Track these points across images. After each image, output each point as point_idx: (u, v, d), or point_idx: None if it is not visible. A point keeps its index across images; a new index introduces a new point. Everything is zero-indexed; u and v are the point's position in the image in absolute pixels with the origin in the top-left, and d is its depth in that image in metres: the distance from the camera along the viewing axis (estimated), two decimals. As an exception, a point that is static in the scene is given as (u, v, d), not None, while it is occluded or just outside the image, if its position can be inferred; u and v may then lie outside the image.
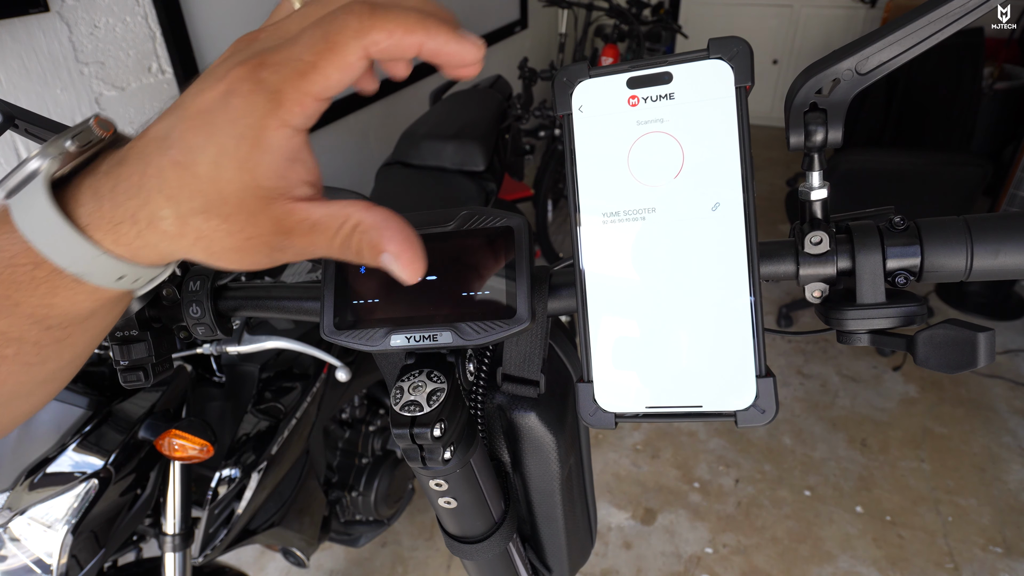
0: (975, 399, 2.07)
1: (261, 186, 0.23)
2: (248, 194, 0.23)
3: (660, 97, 0.29)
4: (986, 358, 0.27)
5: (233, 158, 0.22)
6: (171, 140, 0.23)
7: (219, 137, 0.22)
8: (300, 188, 0.24)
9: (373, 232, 0.24)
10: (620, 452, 1.93)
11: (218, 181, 0.22)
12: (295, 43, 0.22)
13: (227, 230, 0.23)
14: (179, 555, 0.92)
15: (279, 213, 0.24)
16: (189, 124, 0.23)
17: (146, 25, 1.42)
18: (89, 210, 0.23)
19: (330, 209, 0.24)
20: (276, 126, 0.22)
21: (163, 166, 0.23)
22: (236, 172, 0.22)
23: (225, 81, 0.22)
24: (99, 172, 0.24)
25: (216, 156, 0.22)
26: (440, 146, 1.61)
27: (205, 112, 0.22)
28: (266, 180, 0.23)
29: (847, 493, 1.77)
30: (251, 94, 0.22)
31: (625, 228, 0.30)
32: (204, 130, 0.22)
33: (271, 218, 0.24)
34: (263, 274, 1.15)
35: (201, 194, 0.23)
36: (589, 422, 0.31)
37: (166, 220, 0.23)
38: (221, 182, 0.22)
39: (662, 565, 1.60)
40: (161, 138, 0.23)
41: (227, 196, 0.23)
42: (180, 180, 0.22)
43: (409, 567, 1.63)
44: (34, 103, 1.24)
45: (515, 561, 0.45)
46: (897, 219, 0.29)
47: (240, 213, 0.23)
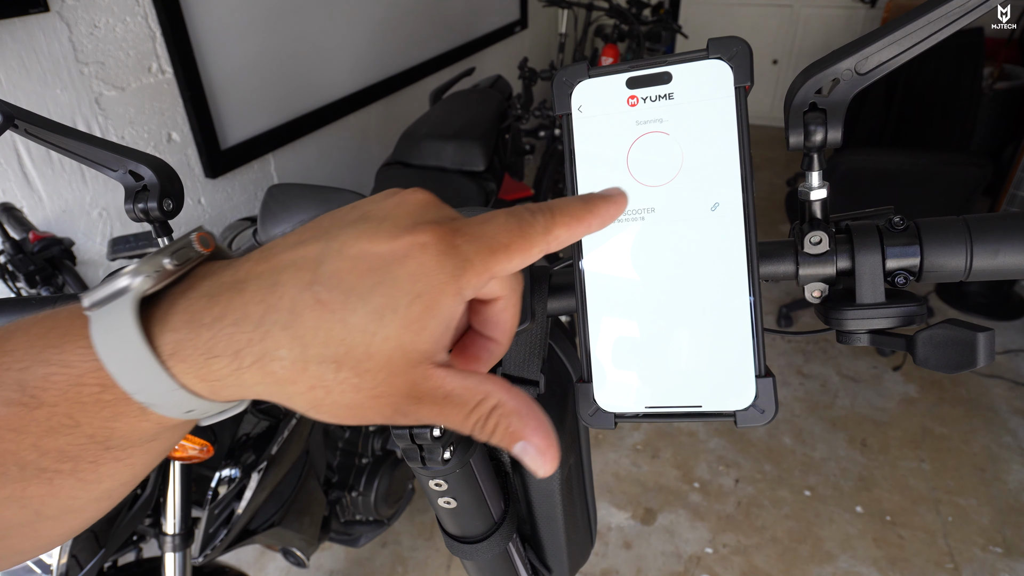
0: (975, 399, 2.07)
1: (417, 348, 0.22)
2: (399, 354, 0.21)
3: (659, 97, 0.29)
4: (986, 358, 0.27)
5: (402, 315, 0.21)
6: (321, 275, 0.21)
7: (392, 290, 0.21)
8: (442, 354, 0.23)
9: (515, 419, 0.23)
10: (620, 452, 1.93)
11: (373, 335, 0.21)
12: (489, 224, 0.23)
13: (355, 385, 0.21)
14: (179, 555, 0.92)
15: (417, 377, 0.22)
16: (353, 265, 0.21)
17: (146, 25, 1.42)
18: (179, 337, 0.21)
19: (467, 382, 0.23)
20: (453, 293, 0.22)
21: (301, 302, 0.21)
22: (398, 330, 0.21)
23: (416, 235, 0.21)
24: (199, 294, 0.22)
25: (380, 308, 0.21)
26: (440, 146, 1.61)
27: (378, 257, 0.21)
28: (424, 343, 0.22)
29: (847, 493, 1.77)
30: (443, 255, 0.21)
31: (624, 228, 0.30)
32: (372, 276, 0.21)
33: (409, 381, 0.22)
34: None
35: (343, 344, 0.21)
36: (589, 422, 0.31)
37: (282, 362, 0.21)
38: (376, 337, 0.21)
39: (662, 565, 1.60)
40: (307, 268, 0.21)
41: (375, 352, 0.21)
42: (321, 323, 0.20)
43: (409, 567, 1.63)
44: (34, 103, 1.24)
45: (515, 561, 0.45)
46: (897, 219, 0.29)
47: (380, 371, 0.21)
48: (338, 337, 0.21)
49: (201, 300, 0.22)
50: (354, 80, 2.12)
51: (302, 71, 1.88)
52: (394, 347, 0.21)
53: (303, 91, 1.90)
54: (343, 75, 2.06)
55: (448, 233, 0.22)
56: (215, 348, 0.21)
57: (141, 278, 0.21)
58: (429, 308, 0.21)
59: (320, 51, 1.94)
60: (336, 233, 0.22)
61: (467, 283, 0.22)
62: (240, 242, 1.16)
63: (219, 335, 0.21)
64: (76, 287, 1.05)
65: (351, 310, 0.21)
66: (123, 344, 0.21)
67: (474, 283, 0.22)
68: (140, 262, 0.22)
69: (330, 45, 1.97)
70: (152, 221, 0.42)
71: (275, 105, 1.81)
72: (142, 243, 1.00)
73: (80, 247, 1.37)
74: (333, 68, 2.01)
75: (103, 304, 0.21)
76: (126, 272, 0.22)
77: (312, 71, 1.93)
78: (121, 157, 0.41)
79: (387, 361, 0.21)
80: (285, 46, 1.80)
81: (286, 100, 1.85)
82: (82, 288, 1.05)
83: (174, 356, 0.21)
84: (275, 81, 1.79)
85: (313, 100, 1.95)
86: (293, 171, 1.95)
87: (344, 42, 2.03)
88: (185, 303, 0.22)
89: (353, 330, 0.21)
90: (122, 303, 0.21)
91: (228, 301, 0.21)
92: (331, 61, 1.99)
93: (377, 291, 0.21)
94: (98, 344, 0.21)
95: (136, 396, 0.22)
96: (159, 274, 0.22)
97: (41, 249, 1.03)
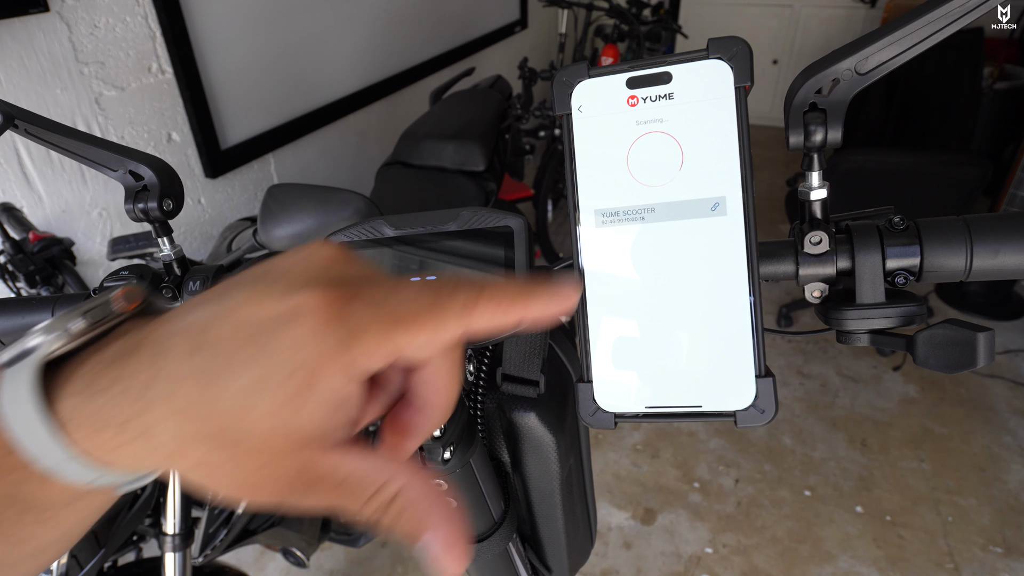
0: (975, 399, 2.07)
1: (296, 430, 0.20)
2: (277, 436, 0.19)
3: (660, 97, 0.29)
4: (986, 358, 0.27)
5: (276, 392, 0.19)
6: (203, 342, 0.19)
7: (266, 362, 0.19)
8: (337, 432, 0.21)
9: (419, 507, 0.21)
10: (620, 452, 1.93)
11: (246, 411, 0.19)
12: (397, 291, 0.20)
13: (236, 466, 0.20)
14: (179, 555, 0.92)
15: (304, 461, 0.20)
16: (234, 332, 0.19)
17: (146, 25, 1.42)
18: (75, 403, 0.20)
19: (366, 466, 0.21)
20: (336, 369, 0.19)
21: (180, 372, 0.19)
22: (273, 407, 0.19)
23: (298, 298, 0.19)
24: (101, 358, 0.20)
25: (254, 382, 0.19)
26: (440, 146, 1.61)
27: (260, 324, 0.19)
28: (304, 426, 0.20)
29: (847, 493, 1.77)
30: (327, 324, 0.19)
31: (624, 228, 0.30)
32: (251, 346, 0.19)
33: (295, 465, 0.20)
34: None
35: (217, 420, 0.19)
36: (589, 422, 0.31)
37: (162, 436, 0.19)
38: (250, 414, 0.19)
39: (662, 565, 1.60)
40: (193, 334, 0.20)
41: (250, 432, 0.19)
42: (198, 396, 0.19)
43: (409, 567, 1.63)
44: (34, 103, 1.24)
45: (515, 561, 0.45)
46: (897, 219, 0.29)
47: (260, 453, 0.20)
48: (217, 411, 0.19)
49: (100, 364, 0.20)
50: (354, 80, 2.12)
51: (302, 71, 1.88)
52: (271, 426, 0.19)
53: (303, 91, 1.90)
54: (343, 75, 2.06)
55: (340, 298, 0.20)
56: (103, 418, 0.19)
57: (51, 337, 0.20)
58: (308, 384, 0.19)
59: (320, 51, 1.94)
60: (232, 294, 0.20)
61: (359, 355, 0.19)
62: (240, 242, 1.16)
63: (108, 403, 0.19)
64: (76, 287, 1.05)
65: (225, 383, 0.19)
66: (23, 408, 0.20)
67: (370, 356, 0.20)
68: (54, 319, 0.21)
69: (330, 45, 1.97)
70: (152, 221, 0.42)
71: (275, 105, 1.81)
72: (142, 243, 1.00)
73: (80, 247, 1.37)
74: (333, 68, 2.01)
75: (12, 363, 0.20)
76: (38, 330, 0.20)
77: (312, 71, 1.93)
78: (121, 157, 0.41)
79: (265, 442, 0.19)
80: (285, 46, 1.80)
81: (286, 100, 1.85)
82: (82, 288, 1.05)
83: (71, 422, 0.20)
84: (275, 81, 1.79)
85: (313, 100, 1.95)
86: (293, 171, 1.95)
87: (344, 42, 2.03)
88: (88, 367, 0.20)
89: (229, 404, 0.19)
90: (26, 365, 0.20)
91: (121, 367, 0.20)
92: (331, 61, 1.99)
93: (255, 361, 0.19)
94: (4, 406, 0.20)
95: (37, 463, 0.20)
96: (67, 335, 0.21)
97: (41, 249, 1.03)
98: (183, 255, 0.46)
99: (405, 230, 0.36)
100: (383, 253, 0.36)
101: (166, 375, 0.19)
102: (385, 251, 0.36)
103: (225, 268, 0.45)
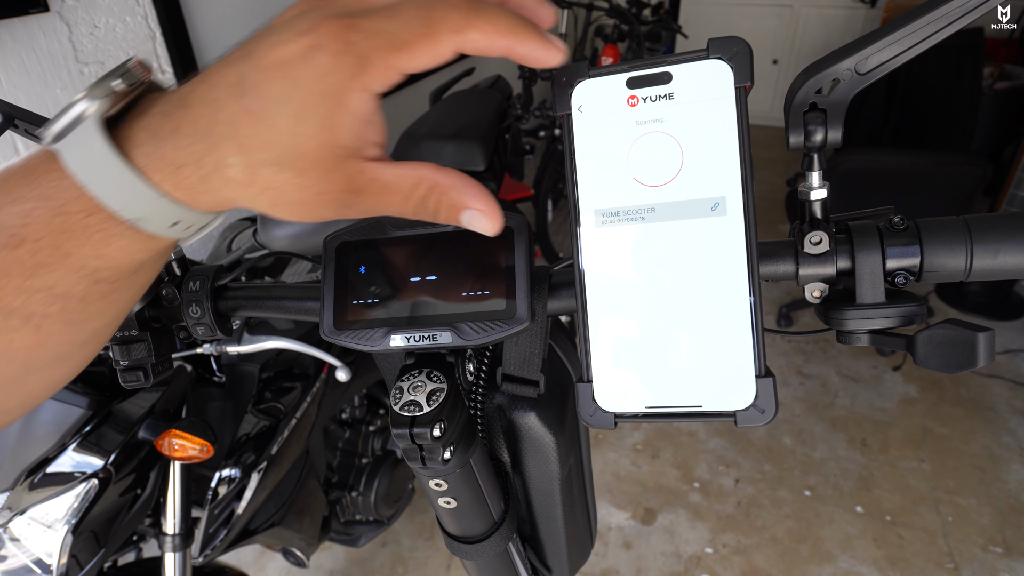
0: (975, 399, 2.07)
1: (338, 144, 0.23)
2: (325, 151, 0.23)
3: (660, 97, 0.29)
4: (986, 358, 0.27)
5: (315, 115, 0.22)
6: (246, 88, 0.22)
7: (301, 92, 0.22)
8: (371, 149, 0.24)
9: (453, 192, 0.25)
10: (620, 452, 1.93)
11: (296, 136, 0.22)
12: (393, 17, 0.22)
13: (299, 184, 0.23)
14: (179, 555, 0.92)
15: (352, 171, 0.24)
16: (267, 75, 0.22)
17: (146, 25, 1.42)
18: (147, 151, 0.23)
19: (401, 170, 0.25)
20: (359, 88, 0.22)
21: (236, 113, 0.22)
22: (316, 129, 0.22)
23: (310, 36, 0.22)
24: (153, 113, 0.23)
25: (297, 111, 0.22)
26: (440, 146, 1.61)
27: (285, 64, 0.22)
28: (344, 139, 0.23)
29: (847, 493, 1.77)
30: (339, 55, 0.22)
31: (625, 228, 0.30)
32: (284, 82, 0.22)
33: (344, 176, 0.24)
34: (263, 274, 1.15)
35: (276, 146, 0.22)
36: (589, 422, 0.31)
37: (234, 168, 0.23)
38: (300, 137, 0.22)
39: (662, 565, 1.60)
40: (234, 84, 0.22)
41: (304, 151, 0.23)
42: (254, 130, 0.22)
43: (409, 567, 1.63)
44: (34, 103, 1.24)
45: (515, 561, 0.45)
46: (897, 219, 0.29)
47: (315, 169, 0.23)
48: (272, 142, 0.22)
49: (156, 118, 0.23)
50: (354, 80, 2.12)
51: (302, 71, 1.88)
52: (318, 145, 0.23)
53: (303, 91, 1.90)
54: (343, 75, 2.06)
55: (343, 29, 0.22)
56: (179, 158, 0.22)
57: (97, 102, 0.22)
58: (337, 104, 0.22)
59: (320, 51, 1.93)
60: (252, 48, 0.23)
61: (371, 80, 0.22)
62: (240, 242, 1.16)
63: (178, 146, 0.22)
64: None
65: (275, 115, 0.22)
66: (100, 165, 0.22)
67: (379, 79, 0.22)
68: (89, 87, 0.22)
69: (330, 45, 1.97)
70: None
71: (275, 105, 1.81)
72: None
73: (80, 247, 1.37)
74: (333, 68, 2.01)
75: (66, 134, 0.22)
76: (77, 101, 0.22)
77: (312, 71, 1.92)
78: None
79: (317, 159, 0.23)
80: (285, 46, 1.80)
81: (286, 100, 1.85)
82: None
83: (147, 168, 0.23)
84: (275, 81, 1.79)
85: (313, 100, 1.95)
86: (293, 171, 1.95)
87: (344, 42, 2.02)
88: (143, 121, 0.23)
89: (282, 134, 0.22)
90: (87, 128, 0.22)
91: (180, 117, 0.23)
92: (331, 61, 1.99)
93: (292, 96, 0.22)
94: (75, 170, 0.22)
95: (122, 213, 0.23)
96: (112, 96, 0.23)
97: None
98: (183, 255, 0.46)
99: (405, 230, 0.36)
100: (384, 253, 0.36)
101: (224, 118, 0.22)
102: (386, 251, 0.36)
103: (225, 268, 0.45)
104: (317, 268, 1.12)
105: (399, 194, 0.25)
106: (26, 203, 0.22)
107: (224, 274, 0.44)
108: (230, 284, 0.44)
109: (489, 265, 0.34)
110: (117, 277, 0.25)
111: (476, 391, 0.42)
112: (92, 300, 0.25)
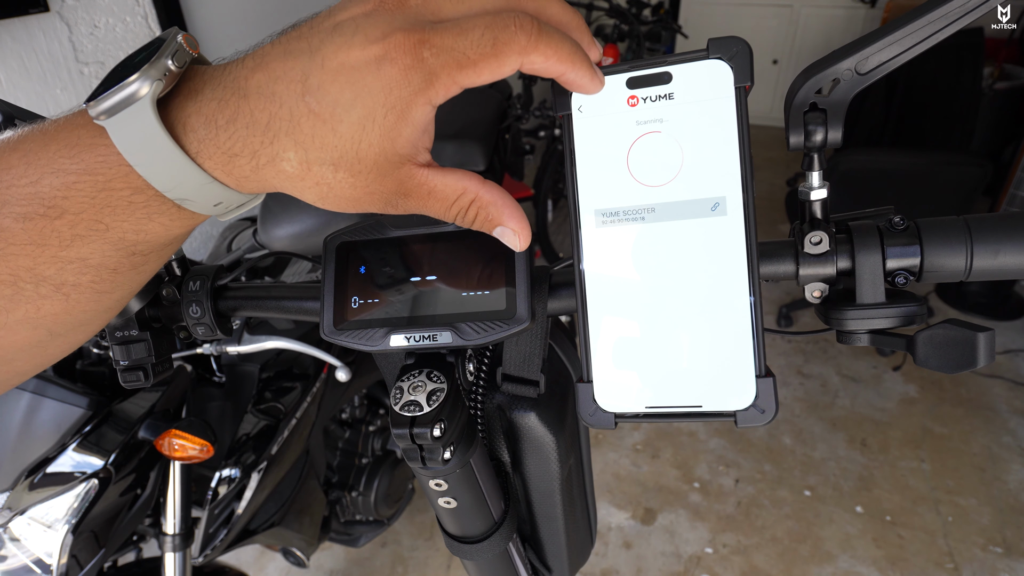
0: (975, 399, 2.07)
1: (396, 152, 0.24)
2: (383, 158, 0.24)
3: (660, 97, 0.29)
4: (986, 358, 0.27)
5: (379, 124, 0.23)
6: (309, 87, 0.23)
7: (367, 101, 0.23)
8: (423, 154, 0.26)
9: (492, 208, 0.27)
10: (620, 452, 1.93)
11: (359, 142, 0.23)
12: (463, 35, 0.23)
13: (352, 183, 0.24)
14: (179, 555, 0.92)
15: (403, 175, 0.25)
16: (333, 77, 0.23)
17: (146, 25, 1.42)
18: (200, 137, 0.23)
19: (448, 179, 0.26)
20: (423, 103, 0.23)
21: (298, 112, 0.23)
22: (378, 137, 0.23)
23: (381, 45, 0.22)
24: (206, 97, 0.23)
25: (361, 118, 0.23)
26: (440, 146, 1.61)
27: (353, 70, 0.22)
28: (402, 148, 0.24)
29: (847, 493, 1.77)
30: (409, 69, 0.22)
31: (625, 228, 0.30)
32: (351, 88, 0.23)
33: (396, 179, 0.25)
34: (263, 274, 1.15)
35: (336, 148, 0.23)
36: (589, 422, 0.31)
37: (290, 162, 0.24)
38: (362, 144, 0.23)
39: (662, 565, 1.60)
40: (297, 80, 0.23)
41: (362, 156, 0.24)
42: (316, 131, 0.23)
43: (409, 567, 1.63)
44: (34, 103, 1.24)
45: (515, 561, 0.45)
46: (897, 219, 0.29)
47: (371, 172, 0.24)
48: (332, 144, 0.23)
49: (212, 104, 0.23)
50: (354, 80, 2.12)
51: (302, 71, 1.88)
52: (378, 152, 0.24)
53: (303, 91, 1.90)
54: (343, 75, 2.06)
55: (415, 45, 0.22)
56: (234, 148, 0.23)
57: (151, 83, 0.22)
58: (402, 117, 0.23)
59: (320, 51, 1.93)
60: (317, 45, 0.23)
61: (435, 94, 0.23)
62: (240, 242, 1.16)
63: (235, 136, 0.23)
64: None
65: (339, 120, 0.23)
66: (152, 147, 0.22)
67: (442, 94, 0.23)
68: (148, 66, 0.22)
69: (330, 45, 1.97)
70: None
71: (275, 105, 1.81)
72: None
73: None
74: (333, 68, 2.01)
75: (116, 111, 0.22)
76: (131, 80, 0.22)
77: (312, 71, 1.92)
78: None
79: (374, 164, 0.24)
80: (285, 46, 1.80)
81: (286, 100, 1.85)
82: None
83: (200, 155, 0.23)
84: (275, 81, 1.79)
85: (313, 100, 1.95)
86: (293, 171, 1.95)
87: (344, 42, 2.03)
88: (196, 106, 0.23)
89: (343, 138, 0.23)
90: (140, 108, 0.22)
91: (237, 106, 0.23)
92: (331, 61, 1.99)
93: (358, 103, 0.23)
94: (124, 149, 0.22)
95: (170, 194, 0.23)
96: (167, 77, 0.23)
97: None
98: (183, 255, 0.46)
99: (406, 230, 0.36)
100: (384, 253, 0.36)
101: (284, 114, 0.23)
102: (386, 251, 0.36)
103: (225, 268, 0.45)
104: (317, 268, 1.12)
105: (444, 201, 0.26)
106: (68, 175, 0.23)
107: (224, 274, 0.44)
108: (230, 284, 0.44)
109: (489, 265, 0.34)
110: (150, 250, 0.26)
111: (476, 391, 0.42)
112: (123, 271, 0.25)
